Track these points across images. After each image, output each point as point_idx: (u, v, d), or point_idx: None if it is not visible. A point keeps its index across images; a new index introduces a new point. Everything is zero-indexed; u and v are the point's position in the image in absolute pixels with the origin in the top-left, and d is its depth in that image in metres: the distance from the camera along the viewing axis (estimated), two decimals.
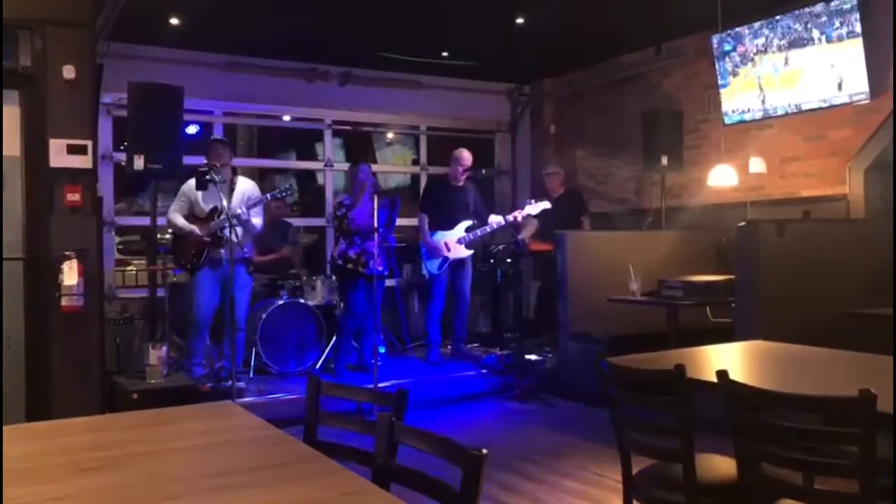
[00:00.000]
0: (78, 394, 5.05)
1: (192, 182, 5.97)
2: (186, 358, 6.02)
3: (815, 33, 5.89)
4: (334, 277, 6.91)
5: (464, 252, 7.07)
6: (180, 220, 5.96)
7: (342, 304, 6.76)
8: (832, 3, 5.74)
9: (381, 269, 6.40)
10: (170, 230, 6.16)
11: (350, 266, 6.43)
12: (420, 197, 7.69)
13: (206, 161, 5.89)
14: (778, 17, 6.13)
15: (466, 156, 7.17)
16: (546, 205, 6.99)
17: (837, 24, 5.73)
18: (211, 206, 5.94)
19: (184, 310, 6.24)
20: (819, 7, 5.83)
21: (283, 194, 6.31)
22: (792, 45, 6.06)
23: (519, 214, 6.90)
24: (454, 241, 7.03)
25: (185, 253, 5.98)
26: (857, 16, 5.60)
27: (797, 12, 5.99)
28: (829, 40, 5.81)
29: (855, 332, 4.01)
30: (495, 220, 6.98)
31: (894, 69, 5.55)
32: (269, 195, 6.13)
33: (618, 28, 7.03)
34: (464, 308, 7.22)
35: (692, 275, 5.56)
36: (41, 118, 5.08)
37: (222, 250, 5.91)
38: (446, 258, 7.03)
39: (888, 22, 5.53)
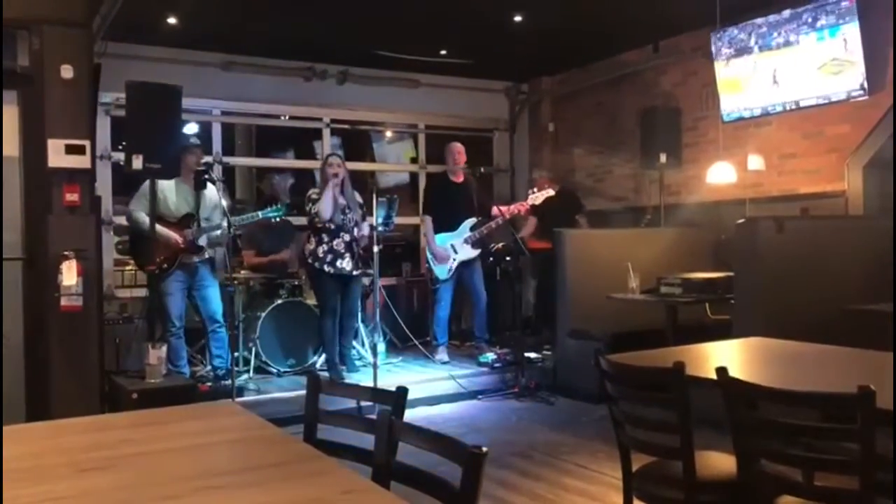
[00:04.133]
0: (77, 393, 5.05)
1: (163, 182, 5.87)
2: (172, 361, 5.97)
3: (814, 29, 5.88)
4: (304, 277, 6.78)
5: (471, 252, 6.97)
6: (148, 220, 5.82)
7: (318, 306, 6.59)
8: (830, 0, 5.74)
9: (348, 268, 6.33)
10: (131, 228, 6.03)
11: (317, 265, 6.32)
12: (422, 198, 7.56)
13: (182, 164, 5.82)
14: (776, 14, 6.12)
15: (460, 147, 7.12)
16: (550, 192, 6.90)
17: (835, 20, 5.73)
18: (185, 210, 5.93)
19: (158, 313, 6.18)
20: (817, 3, 5.83)
21: (273, 216, 6.18)
22: (790, 41, 6.06)
23: (522, 207, 6.83)
24: (461, 242, 6.94)
25: (150, 255, 5.86)
26: (855, 12, 5.60)
27: (795, 9, 5.98)
28: (826, 36, 5.81)
29: (853, 329, 4.01)
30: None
31: (893, 67, 5.56)
32: (260, 214, 6.13)
33: (615, 26, 7.03)
34: (482, 307, 7.07)
35: (691, 272, 5.56)
36: (39, 118, 5.07)
37: (195, 256, 5.92)
38: (455, 261, 6.96)
39: (886, 18, 5.53)
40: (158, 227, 5.84)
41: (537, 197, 6.83)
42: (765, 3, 6.19)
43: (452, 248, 6.94)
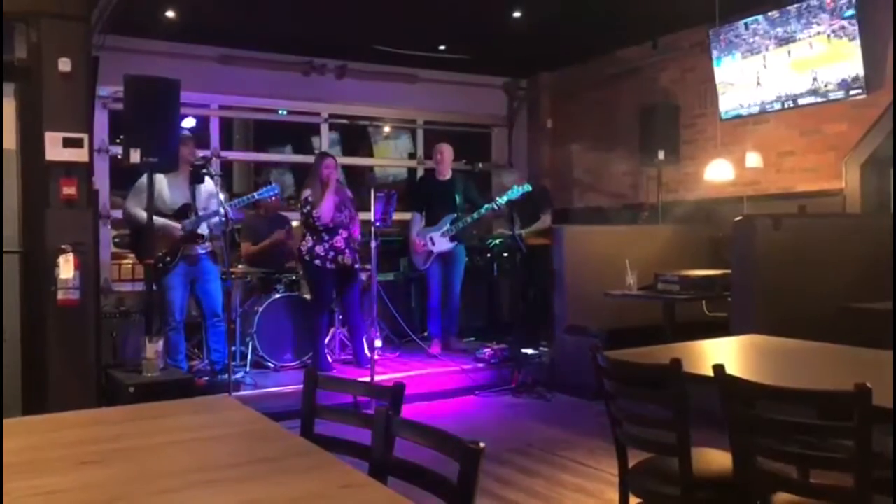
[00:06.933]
0: (74, 387, 5.05)
1: (158, 176, 5.87)
2: (170, 355, 5.95)
3: (812, 27, 5.88)
4: (301, 273, 6.80)
5: (448, 244, 7.09)
6: (145, 215, 5.85)
7: (311, 300, 6.62)
8: None
9: (349, 262, 6.40)
10: (129, 224, 6.01)
11: (318, 262, 6.33)
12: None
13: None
14: (775, 11, 6.12)
15: (443, 148, 7.26)
16: (528, 188, 6.92)
17: (834, 18, 5.73)
18: (181, 202, 5.92)
19: (158, 307, 6.16)
20: (816, 1, 5.82)
21: (269, 194, 6.24)
22: (788, 38, 6.06)
23: (498, 200, 6.88)
24: (438, 235, 7.08)
25: (151, 249, 5.85)
26: (854, 10, 5.60)
27: (794, 6, 5.98)
28: (825, 34, 5.81)
29: (850, 327, 4.02)
30: (483, 207, 7.01)
31: (893, 65, 5.56)
32: (255, 195, 6.16)
33: (614, 22, 7.02)
34: (452, 303, 7.23)
35: (688, 269, 5.57)
36: (37, 111, 5.06)
37: (196, 246, 5.92)
38: (431, 252, 7.10)
39: (885, 16, 5.53)
40: (157, 218, 5.83)
41: (516, 192, 6.85)
42: (764, 0, 6.18)
43: (431, 241, 7.09)
